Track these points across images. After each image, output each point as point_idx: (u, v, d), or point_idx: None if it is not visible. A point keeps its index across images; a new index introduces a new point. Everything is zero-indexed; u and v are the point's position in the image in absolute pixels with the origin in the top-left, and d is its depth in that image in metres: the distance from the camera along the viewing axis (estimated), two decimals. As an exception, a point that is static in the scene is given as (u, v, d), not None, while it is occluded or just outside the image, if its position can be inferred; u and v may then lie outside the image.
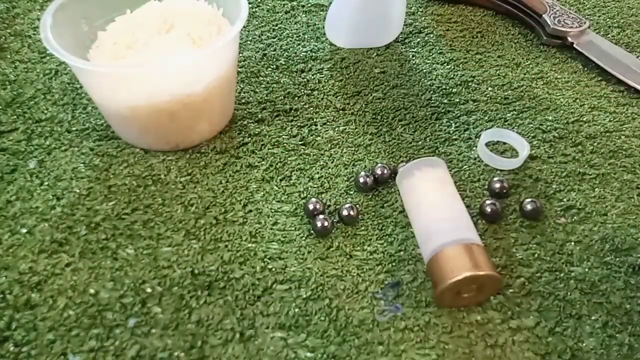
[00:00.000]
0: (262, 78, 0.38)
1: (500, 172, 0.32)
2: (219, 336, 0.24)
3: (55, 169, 0.32)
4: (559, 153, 0.33)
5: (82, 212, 0.29)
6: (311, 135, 0.34)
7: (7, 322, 0.25)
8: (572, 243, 0.28)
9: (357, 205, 0.30)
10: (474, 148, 0.34)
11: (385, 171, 0.31)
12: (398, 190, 0.30)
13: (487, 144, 0.34)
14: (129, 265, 0.27)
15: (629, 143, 0.34)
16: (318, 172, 0.32)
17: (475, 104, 0.37)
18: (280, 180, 0.31)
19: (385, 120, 0.35)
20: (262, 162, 0.32)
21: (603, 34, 0.43)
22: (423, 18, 0.45)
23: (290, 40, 0.42)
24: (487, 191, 0.31)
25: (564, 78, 0.39)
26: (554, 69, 0.40)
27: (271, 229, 0.29)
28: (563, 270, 0.27)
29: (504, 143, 0.34)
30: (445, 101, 0.37)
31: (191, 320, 0.25)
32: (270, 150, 0.33)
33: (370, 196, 0.31)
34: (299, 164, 0.32)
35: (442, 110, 0.36)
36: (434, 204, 0.27)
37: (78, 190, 0.31)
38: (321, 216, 0.28)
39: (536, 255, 0.28)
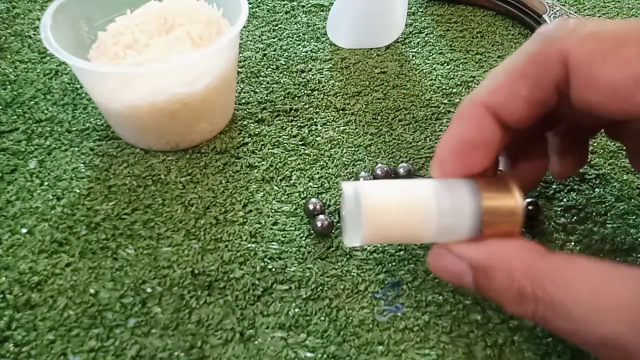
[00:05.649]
0: (262, 78, 0.38)
1: (501, 172, 0.32)
2: (219, 336, 0.24)
3: (55, 169, 0.32)
4: (559, 153, 0.33)
5: (82, 212, 0.29)
6: (311, 136, 0.34)
7: (7, 322, 0.25)
8: (572, 243, 0.28)
9: (357, 205, 0.30)
10: (474, 148, 0.34)
11: (385, 171, 0.31)
12: None
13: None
14: (129, 265, 0.27)
15: (629, 143, 0.34)
16: (318, 172, 0.32)
17: (475, 104, 0.37)
18: (281, 180, 0.31)
19: (385, 121, 0.35)
20: (262, 162, 0.32)
21: (603, 34, 0.43)
22: (423, 18, 0.45)
23: (291, 41, 0.42)
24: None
25: (564, 78, 0.39)
26: (554, 69, 0.40)
27: (271, 229, 0.29)
28: (563, 271, 0.27)
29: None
30: (446, 101, 0.37)
31: (191, 320, 0.25)
32: (270, 151, 0.33)
33: (370, 196, 0.31)
34: (299, 164, 0.32)
35: (442, 111, 0.36)
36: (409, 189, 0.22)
37: (78, 190, 0.31)
38: (321, 216, 0.28)
39: (536, 255, 0.28)
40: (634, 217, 0.30)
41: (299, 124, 0.35)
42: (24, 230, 0.29)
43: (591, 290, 0.18)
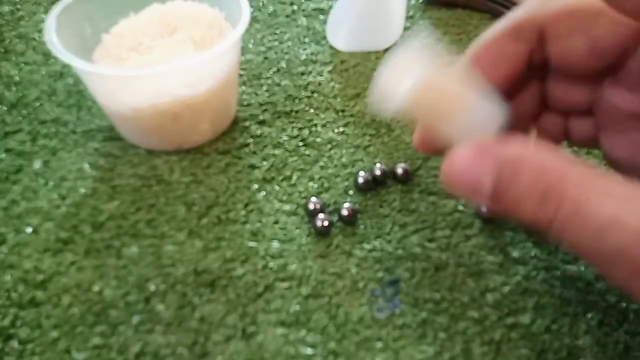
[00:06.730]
0: (263, 80, 0.39)
1: None
2: (222, 333, 0.25)
3: (60, 169, 0.32)
4: (555, 154, 0.34)
5: (86, 212, 0.30)
6: (311, 137, 0.35)
7: (11, 320, 0.25)
8: (568, 242, 0.29)
9: (357, 205, 0.30)
10: (472, 149, 0.34)
11: (384, 171, 0.31)
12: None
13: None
14: (133, 264, 0.27)
15: (624, 144, 0.35)
16: (318, 173, 0.32)
17: (473, 106, 0.37)
18: (281, 180, 0.32)
19: (383, 122, 0.36)
20: (264, 163, 0.33)
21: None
22: (421, 22, 0.45)
23: (291, 44, 0.42)
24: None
25: (561, 81, 0.40)
26: (550, 71, 0.41)
27: (272, 228, 0.29)
28: (559, 269, 0.28)
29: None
30: (444, 103, 0.37)
31: (194, 318, 0.25)
32: (271, 151, 0.34)
33: (369, 196, 0.31)
34: (299, 164, 0.33)
35: (441, 112, 0.37)
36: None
37: (83, 190, 0.31)
38: (321, 215, 0.29)
39: (532, 253, 0.28)
40: (629, 216, 0.30)
41: (299, 125, 0.35)
42: (29, 230, 0.29)
43: (616, 197, 0.18)
